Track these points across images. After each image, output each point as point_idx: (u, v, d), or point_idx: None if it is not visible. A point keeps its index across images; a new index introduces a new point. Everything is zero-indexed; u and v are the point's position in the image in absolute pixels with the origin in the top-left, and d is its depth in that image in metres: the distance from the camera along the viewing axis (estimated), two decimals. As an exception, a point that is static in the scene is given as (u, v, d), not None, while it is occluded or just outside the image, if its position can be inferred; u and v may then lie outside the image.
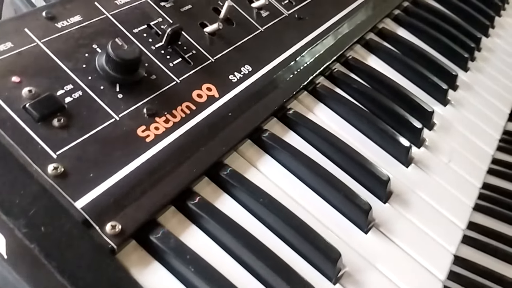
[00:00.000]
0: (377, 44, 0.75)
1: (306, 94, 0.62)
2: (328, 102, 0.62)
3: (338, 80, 0.66)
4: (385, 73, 0.72)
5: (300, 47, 0.64)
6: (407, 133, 0.63)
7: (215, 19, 0.59)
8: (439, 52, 0.82)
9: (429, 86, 0.73)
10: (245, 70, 0.56)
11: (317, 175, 0.51)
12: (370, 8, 0.79)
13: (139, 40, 0.51)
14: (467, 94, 0.77)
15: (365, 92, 0.65)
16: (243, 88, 0.54)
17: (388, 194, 0.55)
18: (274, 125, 0.56)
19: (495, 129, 0.74)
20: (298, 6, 0.70)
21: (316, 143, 0.56)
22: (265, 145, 0.53)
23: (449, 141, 0.67)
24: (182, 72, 0.52)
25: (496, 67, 0.88)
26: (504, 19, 1.06)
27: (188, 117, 0.48)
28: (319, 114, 0.61)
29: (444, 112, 0.72)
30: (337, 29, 0.71)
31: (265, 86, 0.56)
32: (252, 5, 0.65)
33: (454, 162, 0.64)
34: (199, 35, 0.56)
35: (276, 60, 0.60)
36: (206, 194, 0.46)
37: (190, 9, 0.58)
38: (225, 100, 0.52)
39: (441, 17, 0.89)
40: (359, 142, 0.59)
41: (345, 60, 0.70)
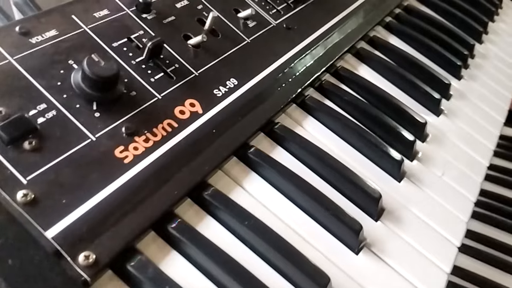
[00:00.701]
0: (368, 54, 0.73)
1: (294, 107, 0.60)
2: (317, 115, 0.60)
3: (327, 91, 0.64)
4: (377, 83, 0.70)
5: (289, 58, 0.62)
6: (399, 146, 0.61)
7: (199, 30, 0.57)
8: (431, 60, 0.81)
9: (421, 96, 0.71)
10: (230, 84, 0.54)
11: (305, 193, 0.49)
12: (361, 16, 0.77)
13: (119, 55, 0.49)
14: (461, 103, 0.75)
15: (355, 104, 0.63)
16: (228, 103, 0.52)
17: (379, 212, 0.53)
18: (261, 140, 0.54)
19: (490, 139, 0.72)
20: (286, 16, 0.68)
21: (305, 159, 0.54)
22: (251, 162, 0.51)
23: (442, 153, 0.65)
24: (164, 87, 0.50)
25: (490, 74, 0.87)
26: (497, 24, 1.04)
27: (169, 135, 0.46)
28: (308, 128, 0.59)
29: (437, 122, 0.70)
30: (327, 38, 0.69)
31: (252, 100, 0.54)
32: (239, 15, 0.63)
33: (447, 175, 0.62)
34: (183, 48, 0.54)
35: (263, 72, 0.58)
36: (188, 217, 0.44)
37: (173, 21, 0.56)
38: (209, 116, 0.50)
39: (434, 24, 0.87)
40: (349, 156, 0.57)
41: (335, 71, 0.68)
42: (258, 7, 0.66)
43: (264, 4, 0.67)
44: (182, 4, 0.59)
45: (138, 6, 0.54)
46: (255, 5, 0.66)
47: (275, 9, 0.68)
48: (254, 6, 0.65)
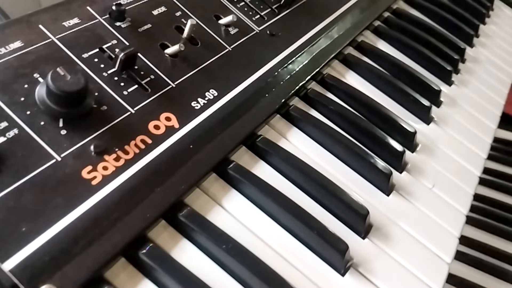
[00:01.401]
0: (356, 60, 0.71)
1: (278, 118, 0.57)
2: (302, 126, 0.57)
3: (313, 100, 0.61)
4: (364, 90, 0.67)
5: (273, 66, 0.59)
6: (387, 157, 0.59)
7: (177, 39, 0.55)
8: (421, 65, 0.78)
9: (411, 104, 0.69)
10: (210, 95, 0.52)
11: (288, 212, 0.46)
12: (349, 21, 0.75)
13: (89, 66, 0.47)
14: (452, 111, 0.73)
15: (342, 114, 0.60)
16: (207, 116, 0.50)
17: (367, 228, 0.50)
18: (243, 155, 0.51)
19: (481, 148, 0.70)
20: (270, 22, 0.65)
21: (289, 174, 0.51)
22: (231, 179, 0.48)
23: (432, 163, 0.63)
24: (138, 100, 0.47)
25: (482, 79, 0.85)
26: (489, 27, 1.02)
27: (142, 152, 0.43)
28: (293, 140, 0.56)
29: (428, 131, 0.67)
30: (313, 44, 0.66)
31: (233, 112, 0.52)
32: (220, 22, 0.60)
33: (438, 187, 0.60)
34: (159, 58, 0.52)
35: (245, 82, 0.55)
36: (162, 240, 0.41)
37: (149, 29, 0.53)
38: (186, 131, 0.47)
39: (423, 27, 0.85)
40: (336, 169, 0.55)
41: (322, 78, 0.65)
42: (241, 13, 0.63)
43: (247, 10, 0.64)
44: (159, 11, 0.56)
45: (111, 14, 0.52)
46: (237, 11, 0.63)
47: (258, 15, 0.65)
48: (236, 12, 0.63)
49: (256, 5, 0.66)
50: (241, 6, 0.64)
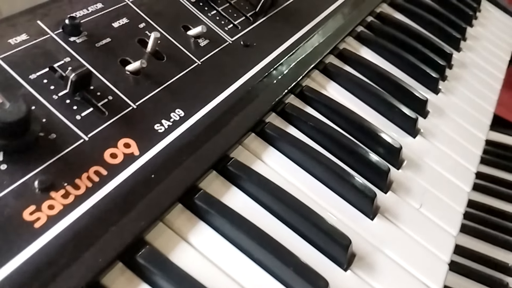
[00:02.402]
0: (337, 69, 0.67)
1: (253, 137, 0.53)
2: (279, 145, 0.53)
3: (291, 116, 0.57)
4: (346, 103, 0.63)
5: (246, 81, 0.55)
6: (372, 177, 0.55)
7: (141, 53, 0.50)
8: (406, 73, 0.75)
9: (396, 116, 0.64)
10: (175, 116, 0.47)
11: (262, 246, 0.42)
12: (330, 27, 0.71)
13: (37, 89, 0.42)
14: (439, 121, 0.69)
15: (322, 130, 0.56)
16: (172, 139, 0.45)
17: (349, 259, 0.46)
18: (213, 181, 0.47)
19: (471, 161, 0.66)
20: (244, 31, 0.61)
21: (263, 200, 0.47)
22: (198, 210, 0.43)
23: (419, 180, 0.59)
24: (93, 126, 0.42)
25: (470, 85, 0.81)
26: (476, 29, 0.99)
27: (96, 186, 0.39)
28: (268, 161, 0.52)
29: (414, 145, 0.64)
30: (291, 54, 0.62)
31: (201, 133, 0.47)
32: (188, 33, 0.55)
33: (426, 207, 0.56)
34: (119, 76, 0.47)
35: (216, 99, 0.51)
36: (119, 286, 0.37)
37: (108, 44, 0.49)
38: (148, 158, 0.43)
39: (408, 32, 0.81)
40: (315, 193, 0.51)
41: (300, 91, 0.61)
42: (212, 22, 0.59)
43: (218, 19, 0.60)
44: (120, 23, 0.51)
45: (64, 28, 0.47)
46: (208, 21, 0.58)
47: (231, 24, 0.60)
48: (207, 21, 0.58)
49: (229, 13, 0.61)
50: (212, 15, 0.60)
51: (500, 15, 1.11)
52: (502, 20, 1.09)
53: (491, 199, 1.11)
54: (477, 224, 1.03)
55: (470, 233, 0.99)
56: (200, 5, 0.59)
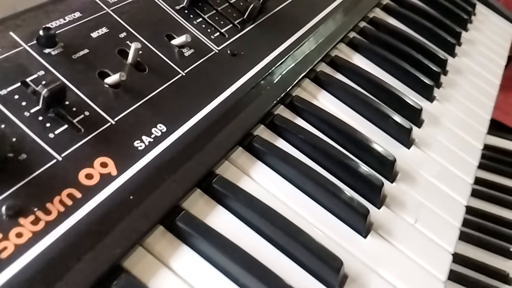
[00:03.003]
0: (328, 78, 0.64)
1: (240, 151, 0.51)
2: (268, 160, 0.51)
3: (280, 128, 0.54)
4: (338, 112, 0.61)
5: (233, 92, 0.53)
6: (365, 192, 0.53)
7: (121, 65, 0.48)
8: (400, 80, 0.72)
9: (390, 126, 0.62)
10: (157, 132, 0.44)
11: (248, 271, 0.39)
12: (321, 34, 0.68)
13: (7, 105, 0.39)
14: (434, 131, 0.67)
15: (313, 143, 0.54)
16: (153, 157, 0.43)
17: (341, 281, 0.44)
18: (197, 200, 0.44)
19: (468, 172, 0.64)
20: (231, 39, 0.58)
21: (250, 220, 0.44)
22: (181, 233, 0.41)
23: (414, 194, 0.57)
24: (67, 144, 0.39)
25: (465, 92, 0.79)
26: (471, 34, 0.97)
27: (69, 211, 0.36)
28: (256, 177, 0.49)
29: (408, 156, 0.61)
30: (281, 63, 0.60)
31: (185, 150, 0.45)
32: (172, 43, 0.53)
33: (421, 222, 0.54)
34: (97, 89, 0.44)
35: (200, 112, 0.49)
36: (92, 318, 0.34)
37: (86, 55, 0.46)
38: (126, 178, 0.40)
39: (402, 38, 0.79)
40: (306, 211, 0.48)
41: (290, 102, 0.59)
42: (197, 31, 0.56)
43: (204, 27, 0.57)
44: (100, 32, 0.49)
45: (39, 39, 0.44)
46: (193, 29, 0.56)
47: (218, 32, 0.58)
48: (192, 30, 0.56)
49: (216, 21, 0.59)
50: (197, 23, 0.57)
51: (495, 18, 1.10)
52: (497, 24, 1.08)
53: (487, 204, 1.09)
54: (474, 231, 1.01)
55: (467, 240, 0.97)
56: (185, 12, 0.57)
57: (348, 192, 0.50)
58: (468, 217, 0.96)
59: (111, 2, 0.52)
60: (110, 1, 0.52)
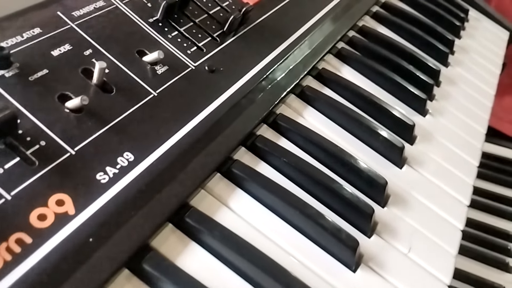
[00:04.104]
0: (315, 93, 0.60)
1: (218, 178, 0.46)
2: (248, 187, 0.46)
3: (262, 151, 0.50)
4: (325, 130, 0.57)
5: (211, 112, 0.49)
6: (353, 219, 0.49)
7: (85, 86, 0.43)
8: (392, 94, 0.69)
9: (380, 144, 0.58)
10: (123, 161, 0.40)
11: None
12: (307, 46, 0.64)
13: (-51, 138, 0.35)
14: (427, 147, 0.63)
15: (297, 166, 0.50)
16: (118, 191, 0.38)
17: (328, 325, 0.40)
18: (168, 237, 0.40)
19: (464, 193, 0.60)
20: (210, 54, 0.54)
21: (228, 258, 0.40)
22: (148, 277, 0.37)
23: (408, 219, 0.53)
24: (18, 180, 0.35)
25: (459, 104, 0.75)
26: (464, 41, 0.93)
27: (17, 259, 0.32)
28: (235, 207, 0.45)
29: (400, 176, 0.57)
30: (264, 79, 0.56)
31: (155, 181, 0.41)
32: (144, 59, 0.49)
33: (415, 251, 0.50)
34: (56, 115, 0.40)
35: (174, 137, 0.44)
36: None
37: (45, 76, 0.42)
38: (86, 217, 0.36)
39: (393, 48, 0.75)
40: (290, 243, 0.44)
41: (274, 120, 0.55)
42: (172, 45, 0.52)
43: (180, 41, 0.53)
44: (62, 50, 0.44)
45: (-10, 60, 0.40)
46: (167, 44, 0.52)
47: (195, 47, 0.54)
48: (167, 44, 0.52)
49: (193, 34, 0.55)
50: (173, 37, 0.53)
51: (488, 24, 1.06)
52: (491, 30, 1.04)
53: (480, 214, 1.06)
54: (470, 243, 0.98)
55: (462, 252, 0.93)
56: (159, 25, 0.53)
57: (335, 222, 0.46)
58: (466, 229, 0.93)
59: (76, 16, 0.48)
60: (75, 14, 0.48)
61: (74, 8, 0.48)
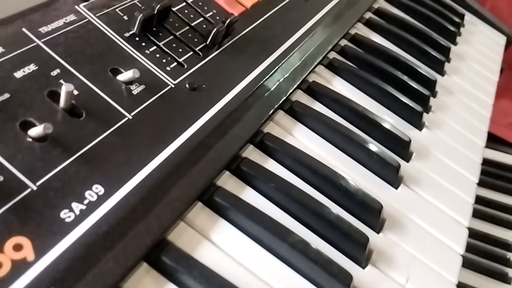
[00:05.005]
0: (304, 109, 0.57)
1: (200, 208, 0.42)
2: (232, 217, 0.43)
3: (248, 175, 0.47)
4: (316, 149, 0.54)
5: (192, 135, 0.45)
6: (347, 250, 0.45)
7: (51, 111, 0.39)
8: (386, 107, 0.65)
9: (375, 163, 0.55)
10: (92, 196, 0.36)
11: None
12: (296, 57, 0.61)
13: None
14: (424, 165, 0.60)
15: (286, 191, 0.46)
16: (85, 230, 0.34)
17: None
18: (143, 277, 0.36)
19: (464, 213, 0.56)
20: (191, 70, 0.51)
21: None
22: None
23: (405, 245, 0.49)
24: (-31, 224, 0.31)
25: (456, 116, 0.72)
26: (461, 47, 0.90)
27: (-37, 318, 0.28)
28: (218, 240, 0.41)
29: (396, 197, 0.54)
30: (250, 95, 0.52)
31: (127, 216, 0.37)
32: (118, 78, 0.45)
33: (413, 281, 0.46)
34: (17, 145, 0.36)
35: (149, 165, 0.41)
36: None
37: (6, 101, 0.38)
38: (48, 263, 0.32)
39: (387, 57, 0.72)
40: (277, 279, 0.40)
41: (261, 140, 0.51)
42: (150, 62, 0.48)
43: (159, 56, 0.49)
44: (26, 71, 0.40)
45: None
46: (145, 60, 0.48)
47: (175, 63, 0.50)
48: (144, 61, 0.48)
49: (173, 48, 0.51)
50: (151, 52, 0.49)
51: (484, 28, 1.03)
52: (487, 35, 1.01)
53: (477, 222, 1.02)
54: (468, 253, 0.94)
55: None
56: (135, 40, 0.49)
57: (327, 253, 0.42)
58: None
59: (43, 33, 0.44)
60: (42, 31, 0.44)
61: (41, 23, 0.44)
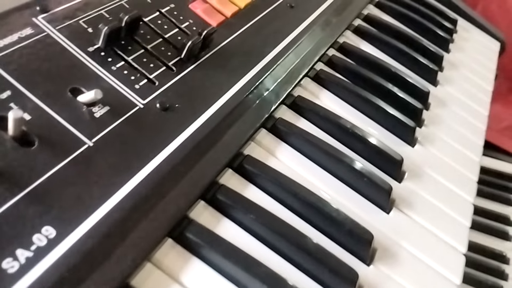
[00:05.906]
0: (289, 127, 0.52)
1: (169, 246, 0.38)
2: (205, 255, 0.38)
3: (225, 205, 0.42)
4: (301, 171, 0.50)
5: (162, 162, 0.40)
6: (333, 284, 0.41)
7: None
8: (376, 122, 0.61)
9: (365, 187, 0.51)
10: (41, 240, 0.32)
11: None
12: (281, 70, 0.57)
13: None
14: (417, 185, 0.56)
15: (265, 224, 0.42)
16: (31, 282, 0.30)
17: None
18: (99, 333, 0.32)
19: (460, 238, 0.52)
20: (163, 87, 0.46)
21: None
22: None
23: (398, 278, 0.45)
24: None
25: (450, 129, 0.68)
26: (454, 55, 0.86)
27: None
28: (189, 281, 0.37)
29: (388, 223, 0.50)
30: (229, 114, 0.48)
31: (83, 262, 0.32)
32: (79, 100, 0.40)
33: (407, 319, 0.42)
34: (-47, 183, 0.32)
35: (110, 199, 0.36)
36: None
37: None
38: (-17, 325, 0.28)
39: (377, 68, 0.68)
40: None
41: (240, 164, 0.47)
42: (117, 79, 0.44)
43: (127, 73, 0.45)
44: (-31, 95, 0.36)
45: None
46: (111, 77, 0.43)
47: (145, 79, 0.45)
48: (110, 78, 0.43)
49: (143, 63, 0.47)
50: (118, 69, 0.44)
51: (478, 34, 1.00)
52: (481, 41, 0.98)
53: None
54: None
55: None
56: (100, 55, 0.44)
57: None
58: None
59: (-8, 49, 0.39)
60: (-9, 47, 0.39)
61: (-9, 39, 0.40)
